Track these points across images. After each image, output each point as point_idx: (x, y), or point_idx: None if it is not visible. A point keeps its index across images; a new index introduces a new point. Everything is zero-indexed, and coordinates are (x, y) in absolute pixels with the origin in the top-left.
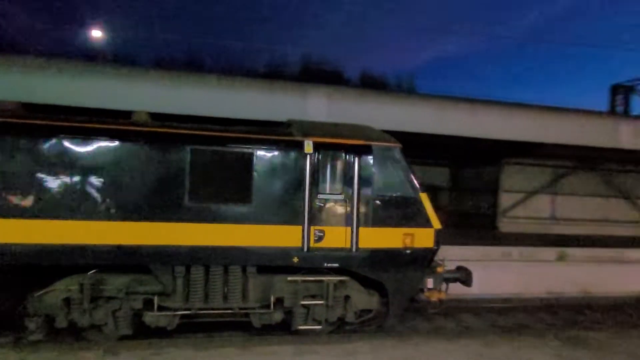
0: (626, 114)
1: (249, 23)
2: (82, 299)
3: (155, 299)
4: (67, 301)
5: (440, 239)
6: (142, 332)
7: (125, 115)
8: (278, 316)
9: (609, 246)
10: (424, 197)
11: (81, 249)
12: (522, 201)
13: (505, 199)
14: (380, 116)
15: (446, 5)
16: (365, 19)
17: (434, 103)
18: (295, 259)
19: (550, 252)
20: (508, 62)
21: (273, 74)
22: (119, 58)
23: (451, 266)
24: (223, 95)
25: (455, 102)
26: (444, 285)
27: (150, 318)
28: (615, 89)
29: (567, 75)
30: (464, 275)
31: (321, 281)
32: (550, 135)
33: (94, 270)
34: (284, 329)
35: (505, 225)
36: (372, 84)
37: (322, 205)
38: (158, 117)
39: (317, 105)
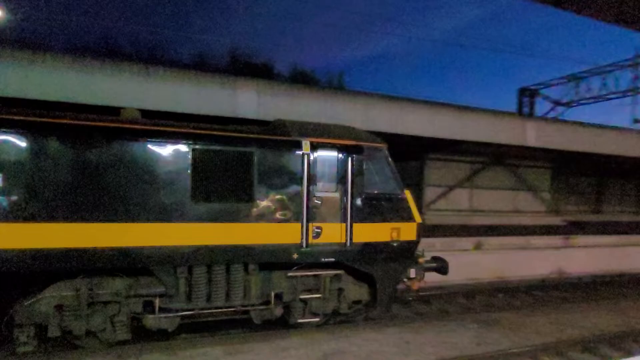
0: (531, 114)
1: (173, 10)
2: (77, 305)
3: (157, 301)
4: (60, 308)
5: (421, 232)
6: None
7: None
8: (278, 311)
9: (518, 235)
10: (408, 194)
11: (81, 253)
12: (444, 194)
13: (429, 193)
14: (310, 112)
15: (374, 5)
16: (295, 14)
17: (362, 100)
18: (295, 255)
19: (468, 242)
20: (431, 62)
21: (200, 65)
22: (26, 41)
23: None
24: (143, 86)
25: (382, 99)
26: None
27: (152, 321)
28: (522, 92)
29: (482, 78)
30: (440, 265)
31: (318, 275)
32: (469, 133)
33: (81, 275)
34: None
35: (429, 218)
36: (302, 80)
37: (319, 202)
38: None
39: (247, 100)
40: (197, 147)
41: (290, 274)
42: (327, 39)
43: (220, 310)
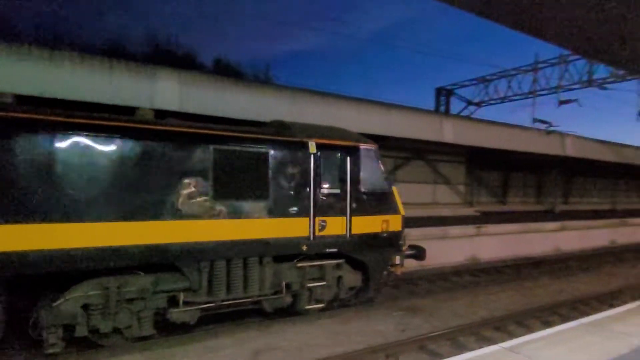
0: (447, 112)
1: None
2: (104, 303)
3: (181, 296)
4: (86, 307)
5: (404, 223)
6: None
7: None
8: (288, 299)
9: (436, 225)
10: (394, 189)
11: (112, 252)
12: None
13: None
14: (236, 105)
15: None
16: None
17: (290, 95)
18: (304, 247)
19: None
20: (357, 60)
21: (114, 52)
22: None
23: None
24: (48, 72)
25: (309, 94)
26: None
27: (177, 315)
28: (439, 91)
29: (404, 77)
30: (418, 252)
31: (322, 265)
32: (394, 129)
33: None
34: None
35: None
36: (227, 72)
37: (324, 198)
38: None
39: (167, 91)
40: (217, 147)
41: (299, 264)
42: (254, 32)
43: (237, 301)
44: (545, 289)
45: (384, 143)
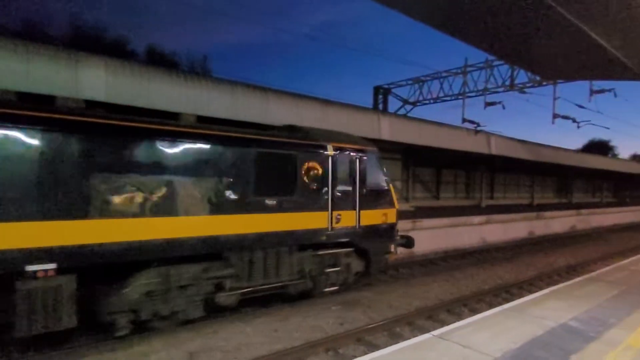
0: (385, 110)
1: None
2: (165, 289)
3: (228, 281)
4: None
5: (398, 215)
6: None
7: None
8: (310, 284)
9: None
10: (391, 186)
11: (178, 243)
12: None
13: None
14: (170, 97)
15: None
16: None
17: (228, 89)
18: (324, 237)
19: None
20: (296, 56)
21: (31, 35)
22: None
23: None
24: None
25: (248, 88)
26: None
27: (224, 298)
28: (377, 90)
29: (343, 74)
30: (407, 241)
31: (337, 253)
32: (332, 125)
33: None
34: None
35: None
36: (161, 63)
37: (339, 194)
38: None
39: (93, 80)
40: (259, 150)
41: (319, 253)
42: (190, 21)
43: (270, 285)
44: (473, 279)
45: None
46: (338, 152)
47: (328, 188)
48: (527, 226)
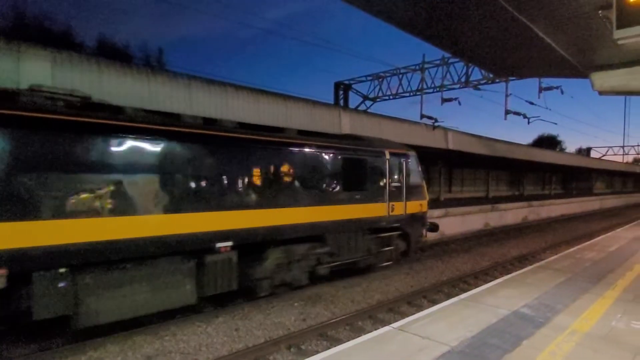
0: (346, 106)
1: None
2: (287, 262)
3: (326, 257)
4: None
5: (428, 205)
6: None
7: None
8: (373, 260)
9: None
10: (424, 182)
11: (292, 227)
12: None
13: None
14: (123, 91)
15: None
16: None
17: (185, 83)
18: (384, 223)
19: None
20: (255, 50)
21: None
22: None
23: None
24: None
25: (205, 83)
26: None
27: (323, 270)
28: (337, 85)
29: (303, 69)
30: (434, 226)
31: (391, 236)
32: (293, 121)
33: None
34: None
35: None
36: (113, 56)
37: (393, 189)
38: None
39: (37, 72)
40: (344, 155)
41: (380, 235)
42: (145, 13)
43: (349, 261)
44: (432, 270)
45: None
46: (392, 156)
47: (386, 184)
48: (482, 218)
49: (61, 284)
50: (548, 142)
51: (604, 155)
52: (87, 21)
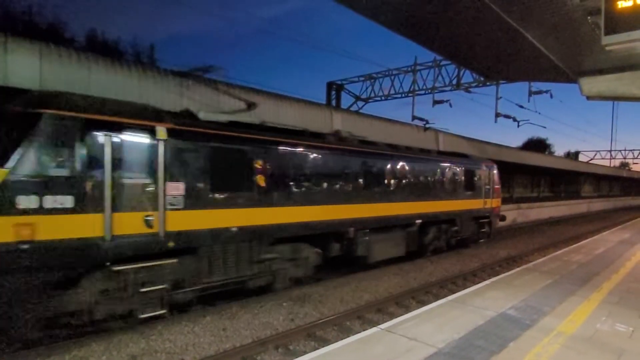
0: (338, 106)
1: None
2: (438, 236)
3: (455, 233)
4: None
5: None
6: None
7: None
8: (477, 237)
9: None
10: (499, 187)
11: (441, 213)
12: None
13: None
14: (114, 87)
15: None
16: None
17: (178, 80)
18: (481, 213)
19: None
20: (249, 48)
21: None
22: None
23: None
24: None
25: (199, 81)
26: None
27: (454, 240)
28: (330, 86)
29: (296, 69)
30: (504, 217)
31: (482, 222)
32: (287, 120)
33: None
34: None
35: None
36: (103, 51)
37: (486, 190)
38: None
39: (24, 66)
40: (464, 167)
41: (480, 221)
42: (137, 8)
43: (466, 236)
44: (421, 271)
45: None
46: (485, 167)
47: (482, 187)
48: None
49: (366, 238)
50: (537, 145)
51: (591, 159)
52: (78, 16)
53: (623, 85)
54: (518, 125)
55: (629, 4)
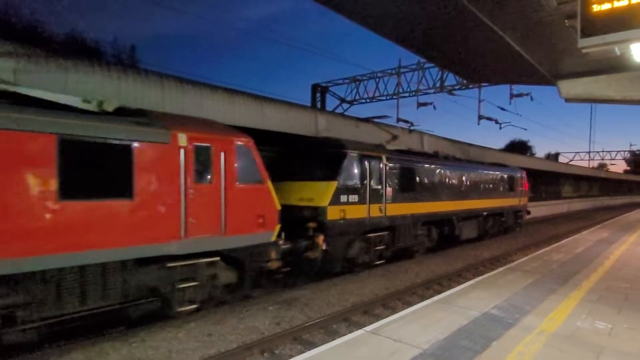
0: (322, 108)
1: None
2: (493, 224)
3: (503, 223)
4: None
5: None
6: None
7: None
8: (514, 226)
9: None
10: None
11: (496, 208)
12: None
13: None
14: (96, 88)
15: None
16: None
17: (158, 82)
18: (517, 208)
19: None
20: (233, 50)
21: None
22: None
23: None
24: None
25: (180, 83)
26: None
27: (498, 228)
28: (314, 88)
29: (281, 71)
30: (529, 212)
31: (518, 214)
32: (269, 122)
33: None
34: None
35: None
36: (81, 51)
37: (519, 190)
38: None
39: None
40: (507, 175)
41: (516, 214)
42: (118, 8)
43: (507, 225)
44: (407, 273)
45: (259, 136)
46: (519, 172)
47: (517, 188)
48: None
49: (460, 224)
50: (519, 147)
51: (571, 161)
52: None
53: (600, 87)
54: (500, 128)
55: (605, 7)
